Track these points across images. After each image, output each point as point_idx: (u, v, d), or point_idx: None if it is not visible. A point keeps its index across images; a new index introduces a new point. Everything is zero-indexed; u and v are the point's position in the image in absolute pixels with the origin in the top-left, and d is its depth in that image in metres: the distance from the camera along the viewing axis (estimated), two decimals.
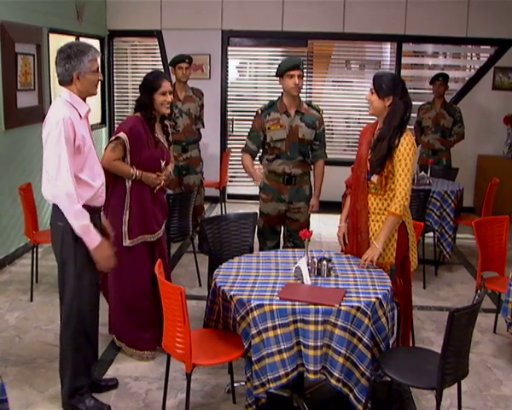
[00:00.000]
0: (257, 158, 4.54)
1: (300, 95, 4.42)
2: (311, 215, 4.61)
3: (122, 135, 3.65)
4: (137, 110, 3.80)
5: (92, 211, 3.14)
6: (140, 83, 3.86)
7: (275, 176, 4.42)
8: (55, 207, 3.08)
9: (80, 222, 3.00)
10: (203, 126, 6.14)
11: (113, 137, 3.70)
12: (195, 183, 5.98)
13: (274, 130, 4.34)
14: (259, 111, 4.44)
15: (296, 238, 4.34)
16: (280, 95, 4.41)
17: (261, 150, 4.50)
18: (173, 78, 6.02)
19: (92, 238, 3.05)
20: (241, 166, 4.50)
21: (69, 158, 2.97)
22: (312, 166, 4.52)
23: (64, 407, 3.28)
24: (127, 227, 3.72)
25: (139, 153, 3.69)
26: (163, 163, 3.84)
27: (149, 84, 3.74)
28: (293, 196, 4.42)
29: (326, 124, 4.48)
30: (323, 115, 4.48)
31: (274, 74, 4.40)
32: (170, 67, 6.07)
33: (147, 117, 3.75)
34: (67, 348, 3.21)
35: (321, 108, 4.52)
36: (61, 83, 3.10)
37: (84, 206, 3.06)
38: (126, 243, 3.73)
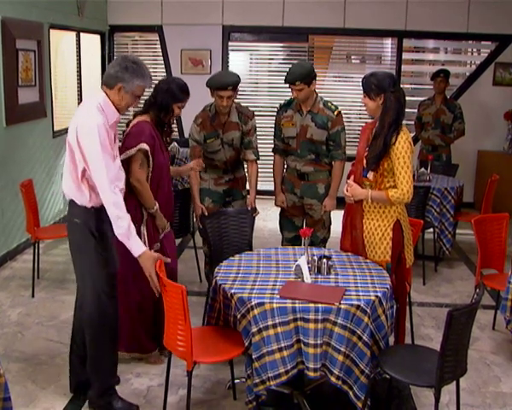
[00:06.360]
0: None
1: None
2: None
3: (145, 146, 3.52)
4: (149, 110, 3.67)
5: None
6: (162, 82, 3.74)
7: (291, 170, 4.53)
8: (72, 204, 3.07)
9: (119, 230, 2.95)
10: (258, 158, 4.60)
11: (133, 150, 3.50)
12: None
13: (286, 127, 4.44)
14: (278, 107, 4.54)
15: (312, 235, 4.24)
16: None
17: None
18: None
19: (135, 245, 2.98)
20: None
21: (109, 163, 2.93)
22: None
23: (92, 406, 3.27)
24: (147, 239, 3.61)
25: (154, 160, 3.59)
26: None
27: (175, 92, 3.68)
28: (305, 191, 4.47)
29: None
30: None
31: (274, 70, 4.45)
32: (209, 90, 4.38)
33: (159, 120, 3.66)
34: (102, 348, 3.18)
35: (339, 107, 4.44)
36: (104, 83, 3.06)
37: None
38: None
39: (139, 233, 3.59)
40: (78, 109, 3.16)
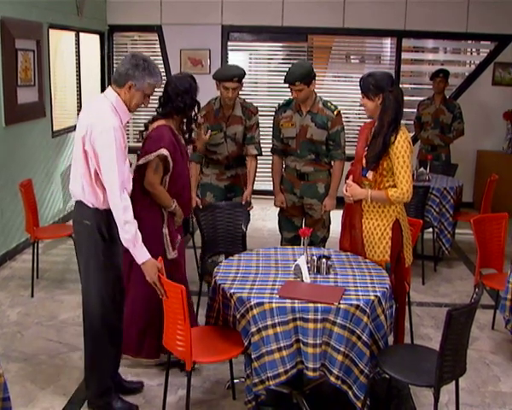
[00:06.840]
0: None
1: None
2: None
3: (165, 152, 3.43)
4: (174, 115, 3.59)
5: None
6: (180, 84, 3.62)
7: (290, 170, 4.52)
8: (81, 205, 3.02)
9: (126, 235, 2.92)
10: (260, 153, 4.68)
11: (152, 155, 3.44)
12: None
13: (286, 127, 4.43)
14: (277, 107, 4.52)
15: (311, 235, 4.14)
16: None
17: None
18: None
19: (140, 252, 2.95)
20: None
21: (121, 166, 2.90)
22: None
23: (91, 405, 3.25)
24: (169, 239, 3.57)
25: (175, 168, 3.53)
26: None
27: (194, 85, 3.66)
28: (305, 191, 4.47)
29: None
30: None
31: (274, 69, 4.46)
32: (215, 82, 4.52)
33: (190, 119, 3.62)
34: (101, 350, 3.16)
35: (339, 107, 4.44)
36: (114, 82, 3.01)
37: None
38: (171, 254, 3.57)
39: (162, 235, 3.55)
40: (89, 108, 3.08)
